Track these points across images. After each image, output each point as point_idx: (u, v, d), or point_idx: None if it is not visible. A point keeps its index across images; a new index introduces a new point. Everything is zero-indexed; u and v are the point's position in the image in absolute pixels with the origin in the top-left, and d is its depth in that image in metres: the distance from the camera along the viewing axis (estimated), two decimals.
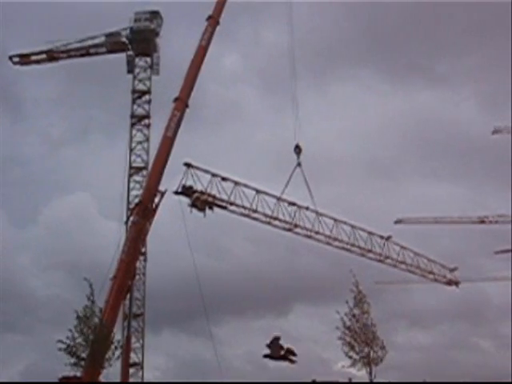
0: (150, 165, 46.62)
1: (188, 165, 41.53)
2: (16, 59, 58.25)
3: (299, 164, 46.98)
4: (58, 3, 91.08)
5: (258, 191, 44.25)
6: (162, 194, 41.54)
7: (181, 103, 43.36)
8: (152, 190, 41.47)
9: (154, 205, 41.27)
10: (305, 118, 49.02)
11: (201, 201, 41.53)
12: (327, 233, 46.67)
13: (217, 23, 46.94)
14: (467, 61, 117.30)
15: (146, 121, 56.71)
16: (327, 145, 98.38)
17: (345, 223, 47.64)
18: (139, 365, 51.97)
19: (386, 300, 73.61)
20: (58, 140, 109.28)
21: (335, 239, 47.02)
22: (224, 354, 46.20)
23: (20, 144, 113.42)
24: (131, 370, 48.31)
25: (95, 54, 58.31)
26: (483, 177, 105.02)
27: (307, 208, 46.12)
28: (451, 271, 54.78)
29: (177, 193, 41.46)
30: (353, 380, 38.05)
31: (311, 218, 46.18)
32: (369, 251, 48.78)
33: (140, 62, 58.15)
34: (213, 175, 42.33)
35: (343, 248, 47.74)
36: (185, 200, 41.63)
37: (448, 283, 54.86)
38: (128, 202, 52.97)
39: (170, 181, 42.70)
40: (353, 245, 47.86)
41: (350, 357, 34.32)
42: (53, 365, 38.27)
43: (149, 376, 54.19)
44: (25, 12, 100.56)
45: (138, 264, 47.19)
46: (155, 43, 58.27)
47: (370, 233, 49.04)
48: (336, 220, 47.20)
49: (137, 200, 46.09)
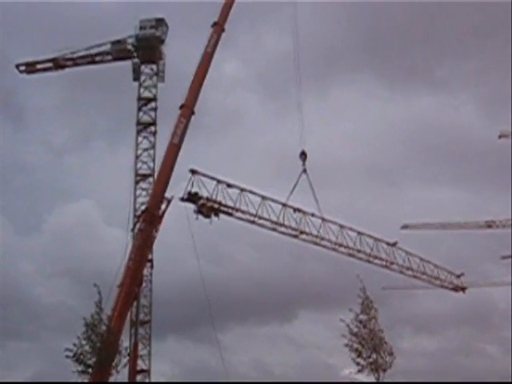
0: (156, 172, 46.66)
1: (193, 171, 41.65)
2: (22, 67, 58.44)
3: (305, 170, 47.02)
4: (64, 12, 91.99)
5: (264, 197, 44.31)
6: (169, 202, 41.59)
7: (187, 110, 43.49)
8: (158, 197, 41.52)
9: (161, 212, 41.33)
10: (306, 124, 49.16)
11: (206, 207, 41.63)
12: (333, 239, 46.73)
13: (222, 30, 47.14)
14: (467, 65, 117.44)
15: (152, 128, 56.65)
16: (328, 150, 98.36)
17: (351, 229, 47.68)
18: (147, 372, 51.91)
19: (391, 306, 73.34)
20: (62, 148, 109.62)
21: (341, 245, 47.03)
22: (229, 361, 46.08)
23: (23, 152, 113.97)
24: (138, 377, 48.35)
25: (101, 62, 58.39)
26: (484, 181, 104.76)
27: (313, 214, 46.14)
28: (458, 277, 54.56)
29: (183, 199, 41.58)
30: None
31: (316, 225, 46.32)
32: (375, 257, 48.75)
33: (146, 70, 58.20)
34: (218, 182, 42.43)
35: (349, 254, 47.74)
36: (190, 206, 41.83)
37: (455, 289, 54.69)
38: (134, 210, 52.97)
39: (174, 187, 42.82)
40: (359, 251, 47.86)
41: (358, 363, 34.05)
42: (60, 372, 38.43)
43: None
44: (31, 20, 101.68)
45: (145, 271, 47.19)
46: (161, 50, 58.32)
47: (376, 239, 49.01)
48: (342, 226, 47.21)
49: (143, 207, 46.11)
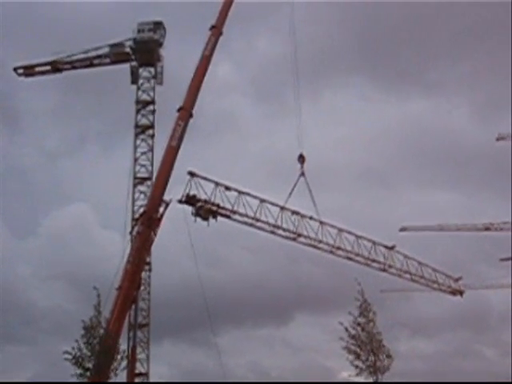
0: (155, 175, 46.66)
1: (192, 174, 41.66)
2: (20, 71, 58.49)
3: (303, 173, 47.04)
4: (62, 15, 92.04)
5: (262, 200, 44.32)
6: (167, 204, 41.50)
7: (185, 113, 43.48)
8: (157, 200, 41.45)
9: (159, 215, 41.30)
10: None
11: (205, 210, 41.65)
12: (331, 242, 46.71)
13: (220, 33, 47.20)
14: (460, 68, 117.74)
15: (150, 131, 56.70)
16: (323, 153, 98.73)
17: (349, 232, 47.66)
18: (145, 375, 51.85)
19: (388, 309, 73.33)
20: (57, 151, 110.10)
21: (339, 248, 47.00)
22: (226, 363, 46.08)
23: (19, 155, 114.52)
24: (137, 380, 48.27)
25: (99, 65, 58.44)
26: (479, 184, 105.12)
27: (311, 217, 46.14)
28: (456, 281, 54.46)
29: (181, 202, 41.59)
30: None
31: (314, 228, 46.31)
32: (373, 261, 48.70)
33: (144, 73, 58.27)
34: (216, 184, 42.44)
35: (347, 257, 47.71)
36: (188, 209, 41.83)
37: (452, 293, 54.52)
38: (132, 213, 52.96)
39: (172, 190, 42.70)
40: (357, 254, 47.82)
41: (356, 366, 34.10)
42: (57, 375, 38.32)
43: None
44: (28, 23, 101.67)
45: (143, 274, 47.13)
46: (159, 53, 58.41)
47: (374, 242, 48.98)
48: (340, 230, 47.18)
49: (141, 210, 46.10)
